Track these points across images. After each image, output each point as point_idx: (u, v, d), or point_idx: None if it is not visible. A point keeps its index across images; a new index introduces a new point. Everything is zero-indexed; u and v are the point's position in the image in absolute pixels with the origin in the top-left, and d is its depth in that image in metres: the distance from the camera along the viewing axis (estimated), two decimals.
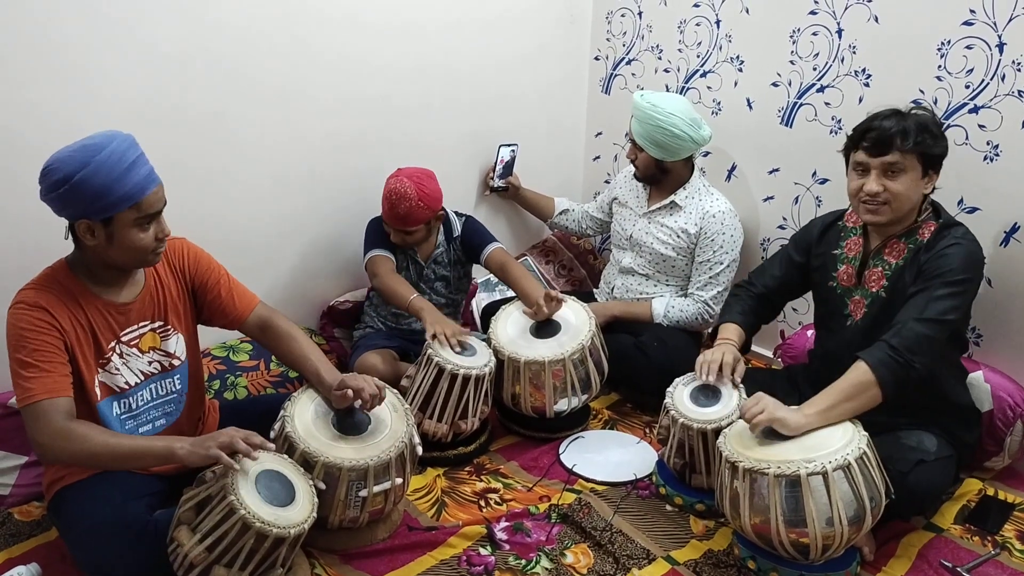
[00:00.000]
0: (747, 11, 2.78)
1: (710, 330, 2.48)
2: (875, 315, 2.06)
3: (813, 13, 2.59)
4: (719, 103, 2.95)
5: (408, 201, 2.42)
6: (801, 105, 2.70)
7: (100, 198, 1.64)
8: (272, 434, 1.93)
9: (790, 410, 1.87)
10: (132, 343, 1.85)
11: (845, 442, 1.78)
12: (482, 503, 2.18)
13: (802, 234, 2.28)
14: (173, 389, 1.95)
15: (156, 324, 1.90)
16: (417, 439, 2.03)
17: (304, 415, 1.95)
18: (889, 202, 1.96)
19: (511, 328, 2.47)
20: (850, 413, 1.87)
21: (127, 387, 1.84)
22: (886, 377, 1.85)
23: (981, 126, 2.30)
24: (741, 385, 2.14)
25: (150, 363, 1.89)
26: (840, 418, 1.86)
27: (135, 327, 1.86)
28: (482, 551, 1.99)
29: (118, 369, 1.83)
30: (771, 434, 1.87)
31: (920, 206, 2.00)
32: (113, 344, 1.82)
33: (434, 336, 2.30)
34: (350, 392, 1.91)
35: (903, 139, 1.90)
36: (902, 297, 1.98)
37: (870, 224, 2.06)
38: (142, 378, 1.87)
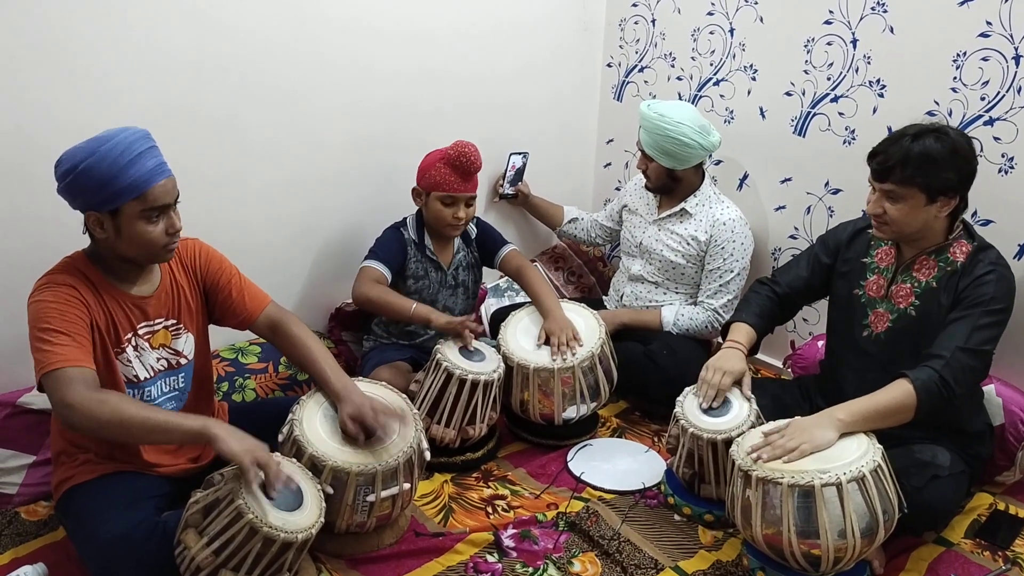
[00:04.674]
0: (761, 20, 2.77)
1: (720, 335, 2.47)
2: (899, 331, 2.05)
3: (828, 23, 2.58)
4: (732, 112, 2.94)
5: (471, 146, 2.42)
6: (815, 115, 2.70)
7: (103, 188, 1.64)
8: (280, 437, 1.93)
9: (821, 426, 1.85)
10: (146, 338, 1.86)
11: (860, 454, 1.77)
12: (489, 510, 2.17)
13: (831, 236, 2.26)
14: (176, 387, 1.95)
15: (170, 322, 1.90)
16: (425, 444, 2.02)
17: (312, 419, 1.95)
18: (889, 224, 1.97)
19: (520, 334, 2.46)
20: (880, 428, 1.87)
21: (137, 380, 1.84)
22: (926, 403, 1.84)
23: (996, 138, 2.29)
24: (752, 396, 2.13)
25: (158, 359, 1.89)
26: (868, 429, 1.86)
27: (151, 322, 1.86)
28: (489, 558, 1.98)
29: (131, 361, 1.83)
30: None
31: (951, 224, 1.99)
32: (129, 336, 1.82)
33: (453, 330, 2.31)
34: (362, 437, 1.90)
35: (900, 170, 1.89)
36: (933, 319, 1.98)
37: (878, 237, 2.06)
38: (153, 373, 1.88)
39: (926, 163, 1.87)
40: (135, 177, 1.65)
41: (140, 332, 1.84)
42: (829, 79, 2.63)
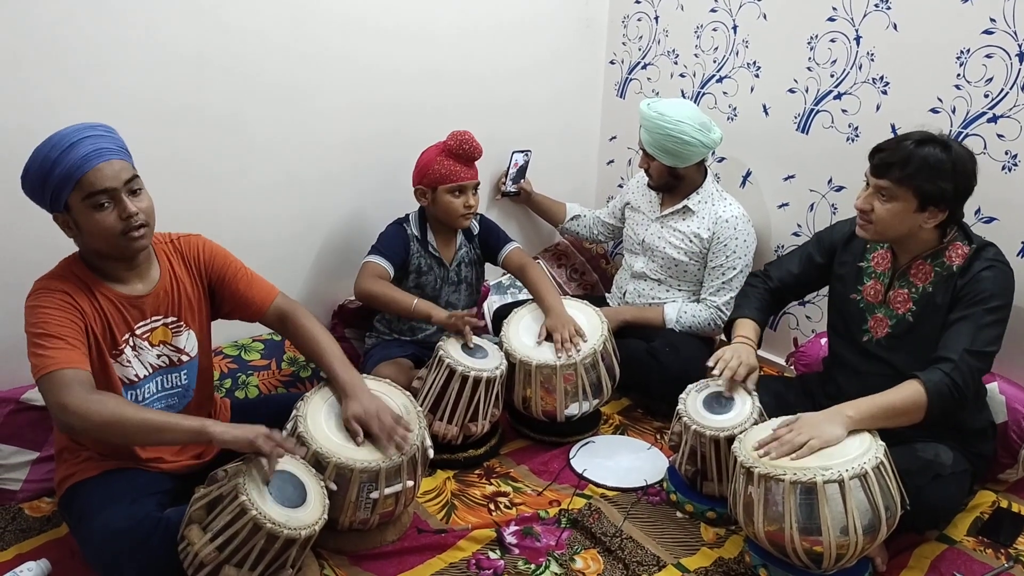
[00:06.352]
0: (764, 17, 2.77)
1: (723, 332, 2.47)
2: (899, 336, 2.05)
3: (831, 20, 2.58)
4: (735, 109, 2.94)
5: (467, 133, 2.46)
6: (818, 112, 2.69)
7: (44, 186, 1.64)
8: (284, 433, 1.93)
9: (830, 421, 1.84)
10: (144, 336, 1.85)
11: (863, 451, 1.77)
12: (492, 506, 2.18)
13: (826, 235, 2.26)
14: (179, 384, 1.95)
15: (169, 319, 1.90)
16: (429, 442, 2.03)
17: (317, 415, 1.95)
18: (873, 222, 1.96)
19: (523, 331, 2.46)
20: (888, 427, 1.86)
21: (136, 379, 1.84)
22: (936, 405, 1.84)
23: (1000, 135, 2.29)
24: (755, 393, 2.13)
25: (159, 356, 1.89)
26: (876, 428, 1.85)
27: (148, 321, 1.85)
28: (491, 555, 1.98)
29: (129, 361, 1.82)
30: None
31: (945, 230, 1.98)
32: (127, 336, 1.82)
33: (453, 327, 2.32)
34: (361, 437, 1.91)
35: (900, 169, 1.88)
36: (932, 321, 1.97)
37: (859, 236, 2.06)
38: (151, 370, 1.87)
39: (926, 168, 1.86)
40: (66, 167, 1.62)
41: (137, 331, 1.83)
42: (832, 76, 2.63)
